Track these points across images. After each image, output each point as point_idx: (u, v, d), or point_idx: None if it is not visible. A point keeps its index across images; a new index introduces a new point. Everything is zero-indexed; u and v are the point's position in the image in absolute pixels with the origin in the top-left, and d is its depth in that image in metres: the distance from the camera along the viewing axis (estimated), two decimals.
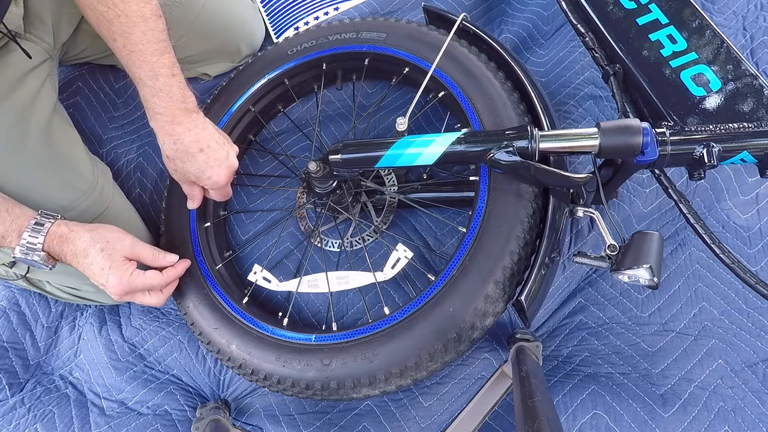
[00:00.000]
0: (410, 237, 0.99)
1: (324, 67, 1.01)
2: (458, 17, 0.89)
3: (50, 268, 0.74)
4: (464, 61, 0.86)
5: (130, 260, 0.76)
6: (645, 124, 0.65)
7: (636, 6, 0.78)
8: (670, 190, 0.71)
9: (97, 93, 1.15)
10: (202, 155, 0.78)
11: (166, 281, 0.79)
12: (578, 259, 0.69)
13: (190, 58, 1.09)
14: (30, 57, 0.79)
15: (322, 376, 0.74)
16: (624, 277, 0.63)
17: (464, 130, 0.78)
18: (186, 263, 0.84)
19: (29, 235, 0.71)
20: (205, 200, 0.95)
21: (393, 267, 0.82)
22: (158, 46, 0.72)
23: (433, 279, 0.75)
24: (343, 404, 0.91)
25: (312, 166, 0.82)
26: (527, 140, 0.69)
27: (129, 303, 1.03)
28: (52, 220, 0.73)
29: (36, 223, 0.72)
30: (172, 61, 0.73)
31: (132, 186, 1.09)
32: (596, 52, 0.80)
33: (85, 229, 0.75)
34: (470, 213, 0.76)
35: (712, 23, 0.75)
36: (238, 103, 0.99)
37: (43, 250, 0.72)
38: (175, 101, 0.74)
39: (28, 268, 0.90)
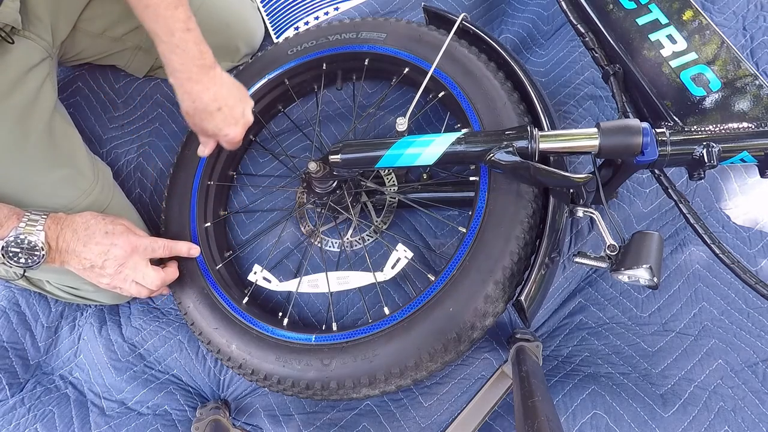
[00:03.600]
0: (410, 237, 0.99)
1: (324, 67, 1.00)
2: (458, 17, 0.89)
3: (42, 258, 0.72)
4: (464, 61, 0.86)
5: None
6: (645, 124, 0.65)
7: (636, 6, 0.78)
8: (670, 190, 0.71)
9: (97, 93, 1.15)
10: (219, 114, 0.79)
11: (163, 281, 0.80)
12: (578, 259, 0.69)
13: None
14: (11, 42, 0.77)
15: (322, 376, 0.74)
16: (624, 277, 0.63)
17: (464, 130, 0.78)
18: (174, 267, 0.86)
19: (29, 219, 0.71)
20: (206, 200, 0.95)
21: (393, 267, 0.82)
22: (172, 0, 0.71)
23: (433, 279, 0.75)
24: (343, 404, 0.91)
25: (312, 166, 0.82)
26: (527, 140, 0.69)
27: (129, 303, 1.04)
28: (45, 215, 0.72)
29: (30, 219, 0.71)
30: (186, 14, 0.73)
31: (132, 186, 1.09)
32: (596, 52, 0.80)
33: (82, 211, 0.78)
34: (470, 213, 0.76)
35: (712, 23, 0.75)
36: None
37: (45, 241, 0.70)
38: (192, 57, 0.74)
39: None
